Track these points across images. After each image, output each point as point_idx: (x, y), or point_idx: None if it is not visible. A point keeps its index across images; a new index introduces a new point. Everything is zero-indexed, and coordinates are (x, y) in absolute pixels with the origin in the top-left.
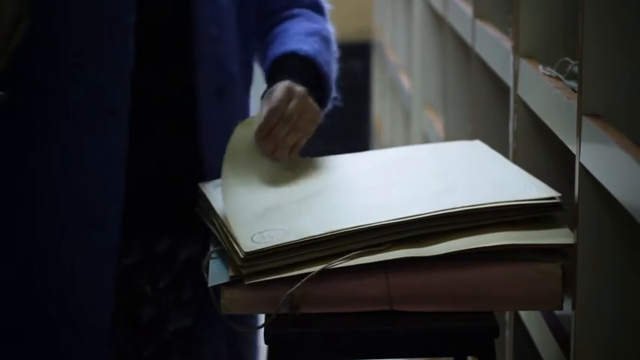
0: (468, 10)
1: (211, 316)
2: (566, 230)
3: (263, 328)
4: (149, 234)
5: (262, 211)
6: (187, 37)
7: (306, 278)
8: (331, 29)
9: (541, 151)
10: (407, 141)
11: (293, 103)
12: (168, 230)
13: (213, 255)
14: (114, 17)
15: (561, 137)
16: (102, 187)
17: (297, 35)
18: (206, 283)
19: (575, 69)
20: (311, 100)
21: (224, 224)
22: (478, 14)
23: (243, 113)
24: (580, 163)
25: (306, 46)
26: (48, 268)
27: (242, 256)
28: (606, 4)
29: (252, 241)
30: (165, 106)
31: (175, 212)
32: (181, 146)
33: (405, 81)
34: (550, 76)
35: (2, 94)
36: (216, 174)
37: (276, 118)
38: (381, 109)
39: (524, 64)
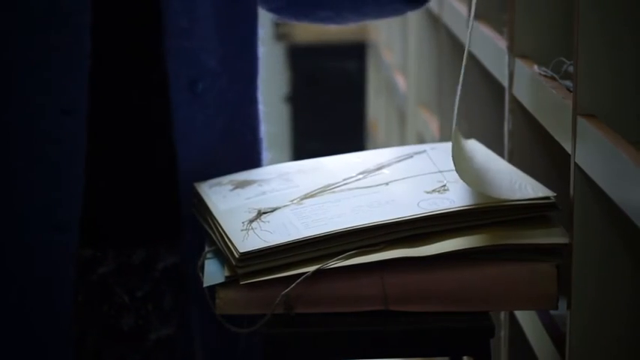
0: (464, 10)
1: (195, 325)
2: (561, 230)
3: (258, 329)
4: (123, 243)
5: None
6: (156, 31)
7: (301, 278)
8: None
9: (536, 151)
10: (402, 141)
11: None
12: (143, 238)
13: (209, 255)
14: (67, 15)
15: (556, 137)
16: (59, 189)
17: None
18: (188, 291)
19: (571, 69)
20: None
21: (219, 224)
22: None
23: (234, 112)
24: (575, 163)
25: None
26: (4, 270)
27: (237, 256)
28: (601, 4)
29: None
30: (135, 104)
31: (149, 219)
32: (153, 147)
33: (400, 81)
34: (545, 75)
35: None
36: (189, 173)
37: None
38: (376, 109)
39: (520, 64)
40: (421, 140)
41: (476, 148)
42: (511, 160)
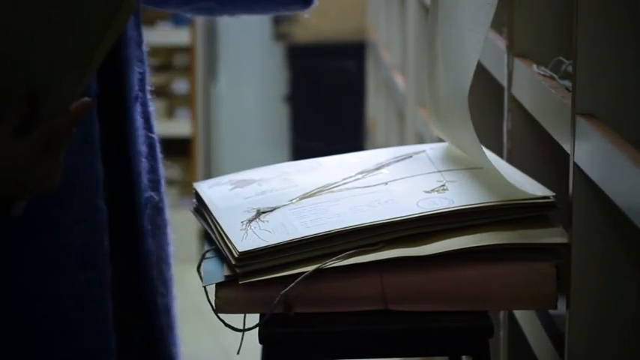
0: None
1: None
2: (560, 229)
3: (257, 328)
4: None
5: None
6: (116, 44)
7: (300, 278)
8: None
9: (535, 151)
10: (401, 141)
11: None
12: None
13: (208, 254)
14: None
15: (555, 136)
16: (88, 224)
17: None
18: (126, 304)
19: (569, 68)
20: None
21: (218, 223)
22: None
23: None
24: (574, 163)
25: None
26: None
27: (236, 255)
28: (601, 4)
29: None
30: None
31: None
32: (113, 162)
33: (399, 80)
34: (544, 75)
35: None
36: (143, 186)
37: None
38: (376, 108)
39: (519, 64)
40: (420, 140)
41: None
42: (510, 160)
